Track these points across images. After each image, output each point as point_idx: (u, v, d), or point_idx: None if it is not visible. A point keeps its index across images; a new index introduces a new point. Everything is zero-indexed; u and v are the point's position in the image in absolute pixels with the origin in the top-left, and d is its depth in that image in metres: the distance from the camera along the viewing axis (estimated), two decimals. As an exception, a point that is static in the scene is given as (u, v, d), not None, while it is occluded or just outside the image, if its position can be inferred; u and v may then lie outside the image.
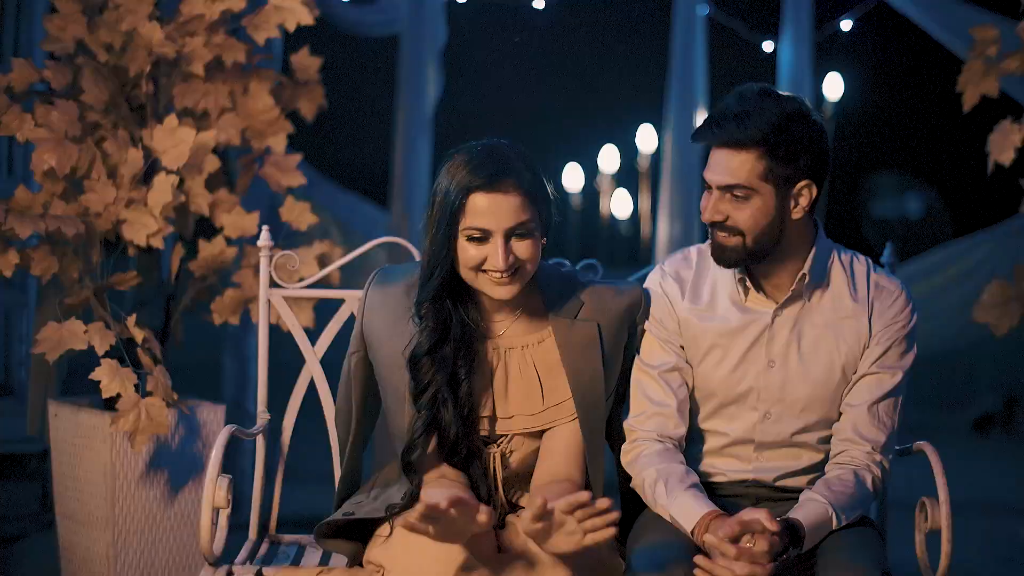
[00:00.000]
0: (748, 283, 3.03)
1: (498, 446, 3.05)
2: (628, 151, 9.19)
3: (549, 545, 2.71)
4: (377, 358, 3.04)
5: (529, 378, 3.02)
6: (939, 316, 6.60)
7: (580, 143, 9.51)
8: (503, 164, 2.87)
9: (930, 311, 6.57)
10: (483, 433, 3.03)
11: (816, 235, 3.02)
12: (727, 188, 2.92)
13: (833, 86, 8.09)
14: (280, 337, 3.90)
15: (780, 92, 2.93)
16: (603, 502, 2.62)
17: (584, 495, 2.62)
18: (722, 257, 2.98)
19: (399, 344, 2.98)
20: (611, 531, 2.64)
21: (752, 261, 2.97)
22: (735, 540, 2.75)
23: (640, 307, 3.08)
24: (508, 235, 2.86)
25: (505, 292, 2.90)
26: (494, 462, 3.05)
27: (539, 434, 3.05)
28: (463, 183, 2.85)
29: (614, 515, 2.63)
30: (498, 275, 2.87)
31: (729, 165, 2.90)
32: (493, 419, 3.02)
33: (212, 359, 6.20)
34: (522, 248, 2.88)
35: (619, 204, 9.40)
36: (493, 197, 2.85)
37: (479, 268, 2.89)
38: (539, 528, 2.68)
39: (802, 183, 2.92)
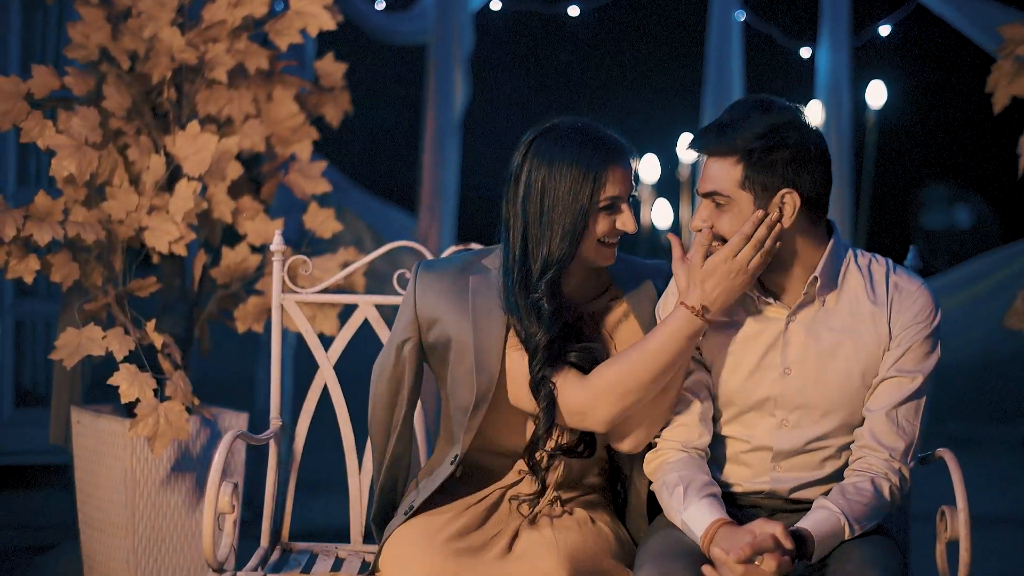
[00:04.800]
0: (760, 289, 2.97)
1: None
2: (669, 161, 9.12)
3: None
4: (445, 330, 3.00)
5: (605, 337, 3.05)
6: (981, 324, 6.49)
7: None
8: (616, 134, 2.96)
9: (972, 320, 6.47)
10: None
11: (830, 238, 2.96)
12: (708, 195, 2.91)
13: (876, 94, 7.97)
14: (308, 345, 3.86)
15: (777, 103, 2.88)
16: None
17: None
18: None
19: (463, 314, 2.97)
20: None
21: None
22: (748, 561, 2.69)
23: (662, 274, 3.13)
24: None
25: (613, 257, 2.98)
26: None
27: None
28: (600, 159, 2.90)
29: None
30: (615, 240, 2.95)
31: (712, 173, 2.89)
32: None
33: (248, 371, 6.21)
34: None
35: (660, 214, 9.34)
36: (625, 167, 2.95)
37: (605, 239, 2.94)
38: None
39: (783, 192, 2.87)
